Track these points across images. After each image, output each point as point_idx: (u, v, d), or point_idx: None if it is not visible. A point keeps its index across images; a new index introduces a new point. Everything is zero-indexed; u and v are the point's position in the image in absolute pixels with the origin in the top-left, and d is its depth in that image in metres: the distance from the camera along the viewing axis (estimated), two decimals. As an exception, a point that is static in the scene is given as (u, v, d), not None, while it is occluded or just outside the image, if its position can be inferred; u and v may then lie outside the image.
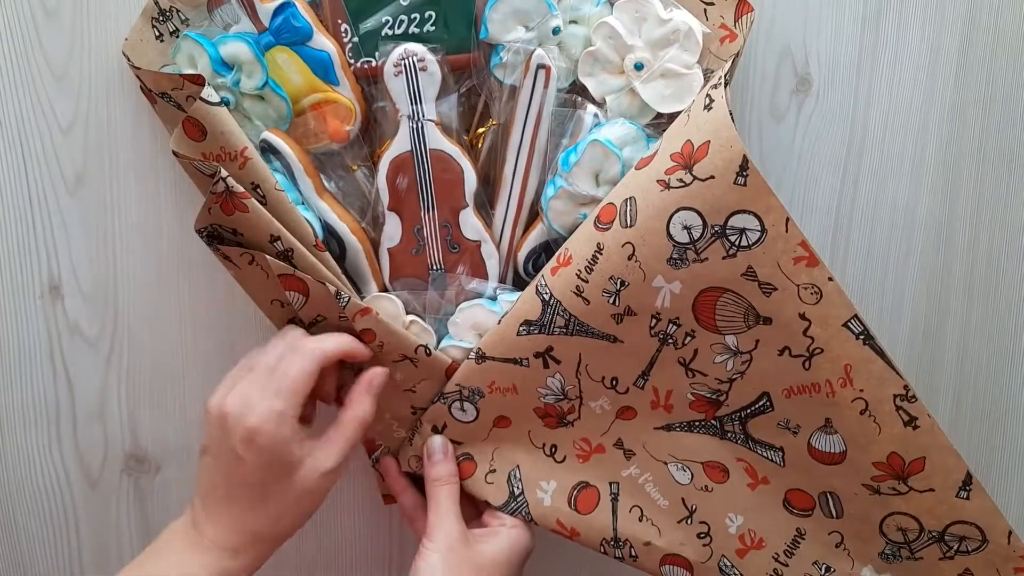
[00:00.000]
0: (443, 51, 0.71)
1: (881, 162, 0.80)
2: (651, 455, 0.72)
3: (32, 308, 0.81)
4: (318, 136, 0.73)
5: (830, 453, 0.66)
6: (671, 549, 0.72)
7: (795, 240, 0.60)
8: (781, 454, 0.68)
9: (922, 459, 0.63)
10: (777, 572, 0.70)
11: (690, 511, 0.71)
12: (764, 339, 0.64)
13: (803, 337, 0.63)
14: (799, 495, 0.69)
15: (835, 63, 0.78)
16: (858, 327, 0.62)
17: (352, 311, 0.70)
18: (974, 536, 0.65)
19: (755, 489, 0.70)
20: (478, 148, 0.75)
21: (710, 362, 0.67)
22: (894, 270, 0.81)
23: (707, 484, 0.71)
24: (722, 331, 0.65)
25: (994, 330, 0.83)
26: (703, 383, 0.68)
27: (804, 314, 0.62)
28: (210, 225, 0.70)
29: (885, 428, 0.63)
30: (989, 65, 0.78)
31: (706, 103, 0.63)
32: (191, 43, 0.71)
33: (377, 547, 0.88)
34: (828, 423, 0.65)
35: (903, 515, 0.66)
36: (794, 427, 0.67)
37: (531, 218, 0.76)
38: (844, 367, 0.63)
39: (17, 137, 0.78)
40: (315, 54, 0.71)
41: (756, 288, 0.62)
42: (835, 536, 0.68)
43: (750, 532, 0.70)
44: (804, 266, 0.61)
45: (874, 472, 0.65)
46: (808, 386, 0.64)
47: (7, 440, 0.83)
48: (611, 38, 0.71)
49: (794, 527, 0.69)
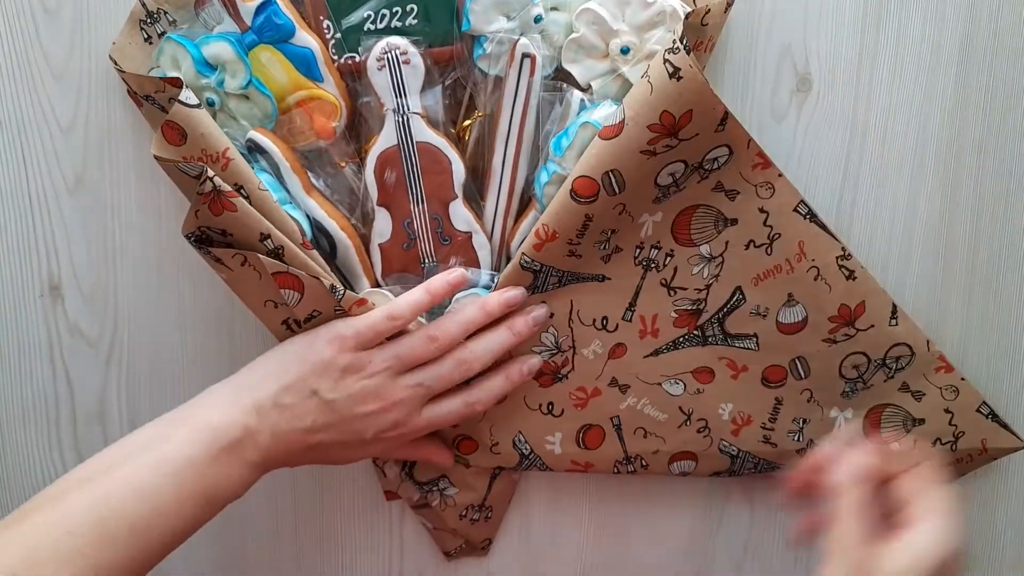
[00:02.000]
0: (425, 44, 0.71)
1: (881, 162, 0.79)
2: (644, 382, 0.78)
3: (32, 308, 0.82)
4: (304, 134, 0.72)
5: (794, 323, 0.76)
6: (677, 449, 0.80)
7: (754, 151, 0.71)
8: (755, 340, 0.77)
9: (863, 303, 0.75)
10: (767, 437, 0.79)
11: (687, 415, 0.79)
12: (732, 239, 0.74)
13: (763, 227, 0.73)
14: (774, 370, 0.78)
15: (835, 63, 0.77)
16: (804, 209, 0.73)
17: (348, 303, 0.70)
18: (905, 353, 0.77)
19: (738, 379, 0.78)
20: (465, 140, 0.75)
21: (688, 275, 0.75)
22: (894, 270, 0.80)
23: (698, 388, 0.78)
24: (696, 243, 0.74)
25: (994, 330, 0.82)
26: (684, 297, 0.76)
27: (762, 207, 0.73)
28: (198, 228, 0.70)
29: (834, 286, 0.75)
30: (989, 65, 0.77)
31: (670, 72, 0.65)
32: (174, 45, 0.71)
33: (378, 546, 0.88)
34: (790, 297, 0.75)
35: (855, 354, 0.77)
36: (763, 311, 0.76)
37: (522, 207, 0.76)
38: (798, 244, 0.74)
39: (17, 137, 0.79)
40: (298, 51, 0.70)
41: (723, 196, 0.73)
42: (806, 393, 0.78)
43: (740, 413, 0.79)
44: (760, 169, 0.72)
45: (830, 326, 0.76)
46: (772, 269, 0.75)
47: (7, 440, 0.84)
48: (595, 24, 0.70)
49: (772, 397, 0.78)
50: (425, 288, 0.71)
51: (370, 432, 0.70)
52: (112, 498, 0.61)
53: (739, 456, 0.80)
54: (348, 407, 0.69)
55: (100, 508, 0.61)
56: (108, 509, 0.61)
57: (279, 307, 0.72)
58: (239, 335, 0.82)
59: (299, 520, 0.87)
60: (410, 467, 0.81)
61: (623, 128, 0.67)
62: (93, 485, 0.62)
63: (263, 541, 0.87)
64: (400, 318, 0.70)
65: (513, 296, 0.73)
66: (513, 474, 0.83)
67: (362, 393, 0.69)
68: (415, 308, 0.71)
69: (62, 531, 0.59)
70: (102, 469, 0.64)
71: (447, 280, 0.72)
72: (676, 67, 0.65)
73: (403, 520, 0.87)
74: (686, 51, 0.65)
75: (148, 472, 0.63)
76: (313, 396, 0.68)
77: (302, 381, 0.68)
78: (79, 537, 0.59)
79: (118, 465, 0.63)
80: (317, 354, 0.69)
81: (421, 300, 0.71)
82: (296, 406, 0.68)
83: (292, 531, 0.87)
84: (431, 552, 0.87)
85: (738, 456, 0.80)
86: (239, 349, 0.83)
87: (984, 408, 0.78)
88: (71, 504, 0.61)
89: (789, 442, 0.79)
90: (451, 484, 0.81)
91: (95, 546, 0.60)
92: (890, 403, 0.79)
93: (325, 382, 0.68)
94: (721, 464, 0.80)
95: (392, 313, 0.70)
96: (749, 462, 0.80)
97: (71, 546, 0.59)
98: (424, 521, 0.85)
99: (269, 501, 0.86)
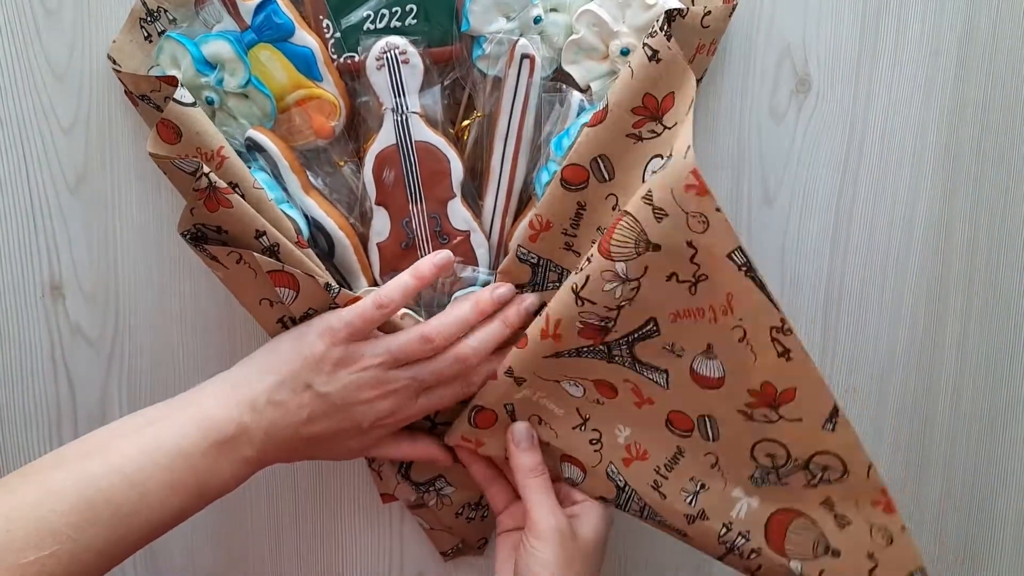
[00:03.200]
0: (425, 44, 0.71)
1: (881, 162, 0.79)
2: (542, 378, 0.73)
3: (33, 308, 0.82)
4: (303, 133, 0.73)
5: (710, 377, 0.67)
6: (567, 451, 0.75)
7: (688, 168, 0.60)
8: (666, 376, 0.69)
9: (793, 389, 0.64)
10: (657, 484, 0.72)
11: (584, 419, 0.74)
12: (652, 265, 0.64)
13: (690, 263, 0.63)
14: (680, 416, 0.70)
15: (835, 63, 0.77)
16: (741, 258, 0.61)
17: (343, 301, 0.71)
18: (836, 466, 0.65)
19: (641, 408, 0.71)
20: (464, 140, 0.75)
21: (600, 290, 0.66)
22: (894, 269, 0.80)
23: (598, 398, 0.73)
24: (614, 258, 0.65)
25: (994, 328, 0.82)
26: (592, 311, 0.68)
27: (691, 242, 0.62)
28: (194, 226, 0.70)
29: (760, 357, 0.64)
30: (989, 64, 0.77)
31: (649, 55, 0.65)
32: (173, 43, 0.72)
33: (378, 546, 0.88)
34: (709, 348, 0.66)
35: (772, 442, 0.66)
36: (678, 350, 0.67)
37: (520, 207, 0.76)
38: (726, 295, 0.63)
39: (18, 137, 0.79)
40: (298, 50, 0.71)
41: (650, 213, 0.62)
42: (711, 457, 0.70)
43: (636, 444, 0.72)
44: (695, 194, 0.60)
45: (748, 399, 0.66)
46: (693, 310, 0.65)
47: (8, 440, 0.84)
48: (595, 25, 0.71)
49: (675, 445, 0.71)
50: (412, 272, 0.71)
51: (367, 420, 0.70)
52: (101, 480, 0.61)
53: (625, 489, 0.73)
54: (343, 397, 0.69)
55: (88, 489, 0.61)
56: (94, 490, 0.61)
57: (274, 305, 0.72)
58: (239, 334, 0.83)
59: (299, 519, 0.87)
60: (407, 467, 0.81)
61: (607, 114, 0.67)
62: (83, 464, 0.62)
63: (264, 540, 0.87)
64: (389, 304, 0.69)
65: (504, 293, 0.73)
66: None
67: (356, 384, 0.69)
68: (404, 292, 0.70)
69: (46, 508, 0.59)
70: (92, 449, 0.64)
71: (433, 263, 0.72)
72: (655, 50, 0.65)
73: (403, 520, 0.87)
74: (666, 36, 0.65)
75: (140, 458, 0.63)
76: (307, 390, 0.68)
77: (295, 376, 0.69)
78: (62, 516, 0.59)
79: (110, 446, 0.64)
80: (309, 348, 0.69)
81: (409, 284, 0.71)
82: (291, 401, 0.68)
83: (293, 531, 0.87)
84: (431, 552, 0.87)
85: (624, 489, 0.73)
86: (239, 348, 0.83)
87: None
88: (59, 481, 0.61)
89: (680, 502, 0.71)
90: (448, 483, 0.81)
91: (76, 527, 0.59)
92: (805, 513, 0.68)
93: (319, 375, 0.69)
94: (607, 490, 0.74)
95: (380, 300, 0.69)
96: (635, 503, 0.73)
97: (54, 524, 0.59)
98: (420, 521, 0.85)
99: (270, 501, 0.86)
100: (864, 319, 0.82)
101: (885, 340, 0.82)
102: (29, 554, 0.57)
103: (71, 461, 0.63)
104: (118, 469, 0.62)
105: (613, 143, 0.68)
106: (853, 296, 0.81)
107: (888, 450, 0.84)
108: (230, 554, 0.87)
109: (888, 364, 0.82)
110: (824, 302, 0.79)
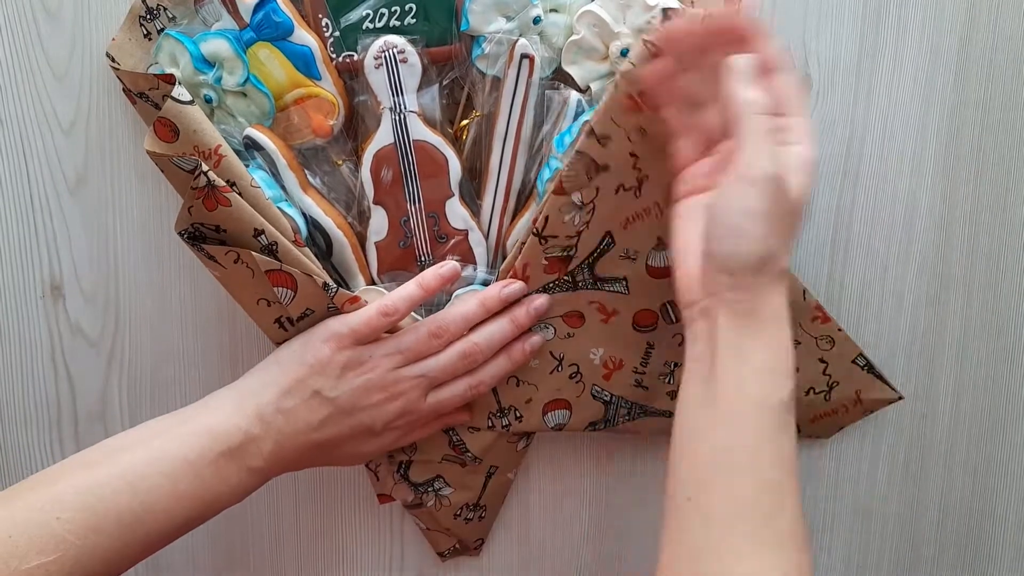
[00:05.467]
0: (423, 43, 0.71)
1: (881, 162, 0.79)
2: None
3: (33, 308, 0.82)
4: (302, 131, 0.73)
5: (664, 267, 0.74)
6: (550, 397, 0.79)
7: (622, 92, 0.67)
8: (625, 283, 0.76)
9: None
10: (638, 381, 0.79)
11: (559, 360, 0.78)
12: (603, 185, 0.71)
13: (633, 171, 0.71)
14: (644, 314, 0.77)
15: (835, 63, 0.78)
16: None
17: (340, 300, 0.71)
18: None
19: (608, 322, 0.77)
20: (462, 140, 0.75)
21: (559, 222, 0.72)
22: (894, 269, 0.80)
23: (568, 332, 0.77)
24: (568, 191, 0.71)
25: (994, 329, 0.82)
26: (555, 245, 0.73)
27: (632, 152, 0.70)
28: (191, 225, 0.70)
29: None
30: (988, 65, 0.77)
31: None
32: (172, 42, 0.72)
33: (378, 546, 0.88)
34: (660, 242, 0.74)
35: None
36: (633, 254, 0.74)
37: (518, 206, 0.76)
38: (666, 186, 0.69)
39: (18, 137, 0.79)
40: (296, 49, 0.71)
41: (595, 143, 0.69)
42: (677, 337, 0.77)
43: (611, 358, 0.78)
44: (632, 112, 0.68)
45: None
46: (641, 211, 0.73)
47: (8, 440, 0.84)
48: (596, 26, 0.71)
49: (644, 341, 0.78)
50: (417, 282, 0.72)
51: (379, 423, 0.71)
52: (105, 488, 0.62)
53: (612, 401, 0.79)
54: (351, 401, 0.69)
55: (91, 497, 0.61)
56: (99, 499, 0.61)
57: (272, 305, 0.72)
58: (240, 334, 0.83)
59: (300, 520, 0.87)
60: (405, 468, 0.81)
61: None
62: (88, 472, 0.62)
63: (264, 541, 0.87)
64: (394, 313, 0.70)
65: (512, 292, 0.73)
66: (508, 472, 0.83)
67: (365, 386, 0.69)
68: (409, 302, 0.71)
69: (51, 515, 0.59)
70: (99, 459, 0.64)
71: (439, 273, 0.72)
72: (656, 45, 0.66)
73: (403, 520, 0.87)
74: None
75: (144, 467, 0.63)
76: (315, 396, 0.69)
77: (302, 383, 0.69)
78: (67, 523, 0.59)
79: (116, 456, 0.64)
80: (315, 354, 0.69)
81: (414, 294, 0.71)
82: (299, 408, 0.68)
83: (293, 531, 0.87)
84: (431, 552, 0.87)
85: (611, 402, 0.79)
86: (240, 348, 0.83)
87: (860, 360, 0.79)
88: (64, 489, 0.61)
89: (660, 384, 0.79)
90: (446, 484, 0.81)
91: (81, 535, 0.60)
92: None
93: (326, 381, 0.69)
94: (595, 412, 0.79)
95: (386, 308, 0.70)
96: (623, 407, 0.79)
97: (57, 531, 0.59)
98: (417, 522, 0.85)
99: (270, 501, 0.86)
100: (864, 319, 0.82)
101: (885, 340, 0.82)
102: (32, 560, 0.58)
103: (77, 470, 0.63)
104: (123, 478, 0.62)
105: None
106: (853, 296, 0.81)
107: (888, 450, 0.84)
108: (230, 554, 0.87)
109: (888, 364, 0.82)
110: (824, 302, 0.79)
